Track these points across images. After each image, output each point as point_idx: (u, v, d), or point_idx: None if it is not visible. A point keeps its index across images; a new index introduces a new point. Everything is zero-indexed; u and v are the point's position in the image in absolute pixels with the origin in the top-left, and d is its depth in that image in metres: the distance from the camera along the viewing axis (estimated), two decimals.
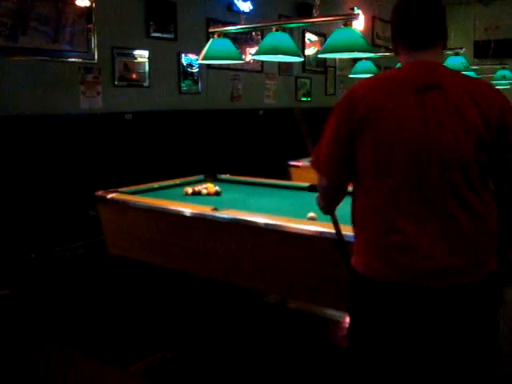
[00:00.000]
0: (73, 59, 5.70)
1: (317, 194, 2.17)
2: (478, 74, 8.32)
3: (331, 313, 3.99)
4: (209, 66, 7.23)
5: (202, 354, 3.50)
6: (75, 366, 3.34)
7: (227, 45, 4.00)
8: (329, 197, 2.13)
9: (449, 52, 6.37)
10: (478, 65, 9.10)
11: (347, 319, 3.51)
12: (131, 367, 3.30)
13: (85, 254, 5.55)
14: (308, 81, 9.53)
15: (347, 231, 2.25)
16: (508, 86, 9.26)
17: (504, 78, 8.20)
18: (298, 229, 3.00)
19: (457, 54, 6.00)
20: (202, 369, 3.31)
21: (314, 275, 3.01)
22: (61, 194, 5.64)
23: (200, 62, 4.16)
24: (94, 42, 5.84)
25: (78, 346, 3.57)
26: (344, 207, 2.15)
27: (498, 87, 2.00)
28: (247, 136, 8.09)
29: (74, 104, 5.77)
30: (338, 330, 3.89)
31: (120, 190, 4.17)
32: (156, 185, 4.55)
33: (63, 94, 5.67)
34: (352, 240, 2.03)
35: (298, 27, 8.74)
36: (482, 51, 11.25)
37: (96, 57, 5.89)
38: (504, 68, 8.24)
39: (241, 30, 4.57)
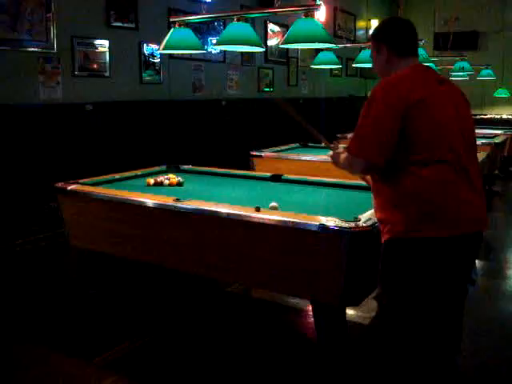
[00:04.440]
0: (31, 49, 5.59)
1: (343, 163, 2.46)
2: (437, 66, 8.46)
3: (294, 301, 4.04)
4: (171, 56, 7.18)
5: (167, 345, 3.50)
6: (38, 360, 3.32)
7: (189, 35, 3.98)
8: (364, 174, 2.69)
9: None
10: (437, 56, 9.26)
11: (310, 307, 3.57)
12: (96, 359, 3.29)
13: (46, 246, 5.49)
14: (270, 71, 9.54)
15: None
16: (466, 78, 9.45)
17: (462, 69, 8.36)
18: (260, 218, 3.03)
19: None
20: (168, 359, 3.32)
21: (276, 264, 3.04)
22: (21, 185, 5.55)
23: (161, 51, 4.14)
24: (53, 32, 5.74)
25: (40, 340, 3.54)
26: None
27: (456, 78, 2.54)
28: (210, 127, 8.08)
29: (32, 94, 5.67)
30: (302, 318, 3.94)
31: (81, 181, 4.13)
32: (117, 176, 4.52)
33: (22, 84, 5.57)
34: None
35: (261, 17, 8.74)
36: (442, 43, 11.43)
37: (55, 46, 5.78)
38: (463, 60, 8.40)
39: (202, 20, 4.57)
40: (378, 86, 2.22)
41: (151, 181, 4.27)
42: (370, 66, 6.72)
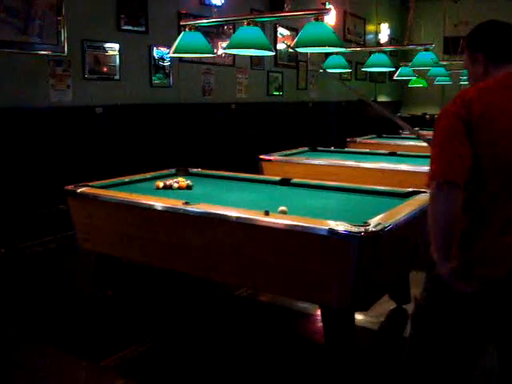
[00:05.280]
0: (42, 52, 5.62)
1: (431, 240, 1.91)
2: (447, 70, 8.45)
3: (303, 305, 4.03)
4: (180, 59, 7.20)
5: (175, 348, 3.50)
6: (47, 362, 3.32)
7: (199, 38, 3.99)
8: (456, 212, 1.84)
9: (418, 47, 6.45)
10: (447, 61, 9.21)
11: (318, 312, 3.56)
12: (103, 361, 3.29)
13: (55, 248, 5.51)
14: (280, 75, 9.55)
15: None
16: None
17: None
18: (269, 222, 3.02)
19: (426, 50, 6.06)
20: (176, 362, 3.31)
21: (285, 268, 3.04)
22: (31, 188, 5.58)
23: (171, 55, 4.15)
24: (63, 35, 5.77)
25: (49, 342, 3.55)
26: None
27: (466, 83, 2.10)
28: (219, 130, 8.09)
29: (43, 97, 5.69)
30: (310, 322, 3.93)
31: (90, 184, 4.14)
32: (127, 179, 4.53)
33: (32, 87, 5.60)
34: None
35: (270, 21, 8.76)
36: (452, 47, 11.38)
37: (66, 49, 5.82)
38: None
39: (212, 24, 4.57)
40: None
41: (160, 184, 4.27)
42: (379, 70, 6.72)
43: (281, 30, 9.34)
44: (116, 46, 6.44)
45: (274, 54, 4.40)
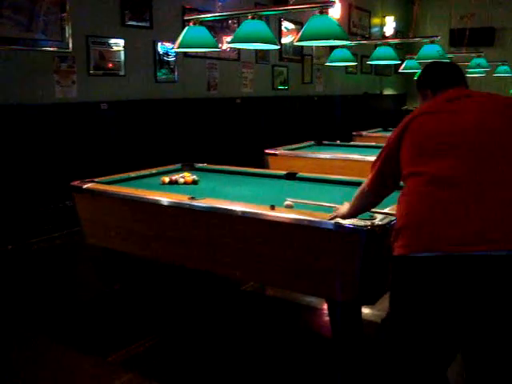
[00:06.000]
0: (47, 48, 5.63)
1: None
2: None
3: (309, 299, 4.03)
4: (185, 54, 7.20)
5: (181, 343, 3.50)
6: (54, 357, 3.33)
7: (203, 33, 3.97)
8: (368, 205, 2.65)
9: (424, 40, 6.41)
10: (453, 53, 9.15)
11: (325, 306, 3.55)
12: (110, 357, 3.30)
13: (62, 244, 5.52)
14: (285, 69, 9.53)
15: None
16: (483, 74, 9.35)
17: (479, 66, 8.26)
18: (276, 216, 3.02)
19: (432, 42, 6.03)
20: (182, 357, 3.32)
21: (291, 262, 3.03)
22: (37, 184, 5.59)
23: (176, 50, 4.14)
24: (68, 31, 5.77)
25: (56, 338, 3.56)
26: None
27: (473, 75, 2.30)
28: (224, 125, 8.08)
29: (48, 93, 5.70)
30: (317, 316, 3.93)
31: (96, 179, 4.14)
32: (133, 174, 4.52)
33: (37, 84, 5.61)
34: None
35: (275, 15, 8.73)
36: (458, 39, 11.32)
37: (70, 46, 5.82)
38: (479, 56, 8.30)
39: (217, 18, 4.55)
40: None
41: (166, 179, 4.27)
42: (384, 63, 6.69)
43: (285, 24, 9.31)
44: (121, 42, 6.44)
45: (278, 47, 4.38)
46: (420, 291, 1.92)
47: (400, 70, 7.96)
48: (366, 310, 3.73)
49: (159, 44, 6.98)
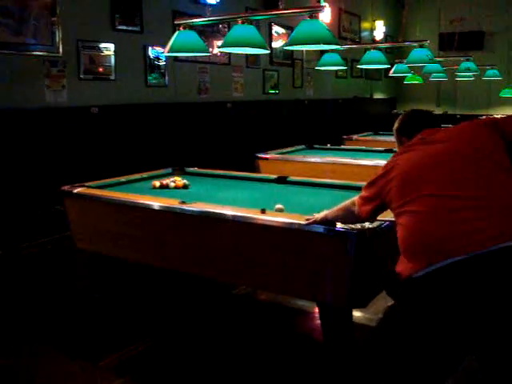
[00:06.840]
0: (37, 52, 5.61)
1: None
2: (442, 66, 8.44)
3: (300, 303, 4.03)
4: (176, 58, 7.19)
5: (174, 347, 3.50)
6: (44, 362, 3.32)
7: (193, 37, 3.98)
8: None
9: (414, 44, 6.45)
10: (442, 57, 9.21)
11: (316, 309, 3.56)
12: (102, 362, 3.29)
13: (52, 249, 5.50)
14: (275, 73, 9.54)
15: None
16: (472, 78, 9.42)
17: (468, 70, 8.31)
18: (266, 220, 3.02)
19: (421, 46, 6.07)
20: (175, 361, 3.31)
21: (283, 266, 3.03)
22: (27, 189, 5.57)
23: (166, 54, 4.15)
24: (58, 35, 5.76)
25: (46, 343, 3.55)
26: None
27: (462, 79, 2.28)
28: (215, 129, 8.08)
29: (38, 98, 5.68)
30: (308, 320, 3.93)
31: (87, 184, 4.13)
32: (123, 179, 4.52)
33: (27, 88, 5.59)
34: None
35: (265, 20, 8.74)
36: (447, 43, 11.39)
37: (61, 50, 5.80)
38: (468, 60, 8.35)
39: (207, 23, 4.57)
40: None
41: (157, 183, 4.27)
42: (374, 67, 6.72)
43: (276, 28, 9.33)
44: (111, 46, 6.43)
45: (269, 52, 4.39)
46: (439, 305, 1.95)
47: (390, 74, 8.01)
48: (357, 314, 3.74)
49: (150, 48, 6.97)
